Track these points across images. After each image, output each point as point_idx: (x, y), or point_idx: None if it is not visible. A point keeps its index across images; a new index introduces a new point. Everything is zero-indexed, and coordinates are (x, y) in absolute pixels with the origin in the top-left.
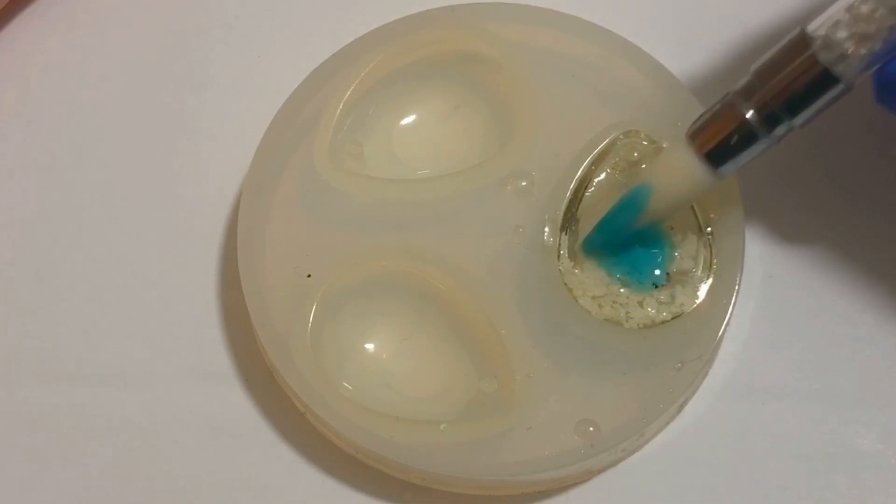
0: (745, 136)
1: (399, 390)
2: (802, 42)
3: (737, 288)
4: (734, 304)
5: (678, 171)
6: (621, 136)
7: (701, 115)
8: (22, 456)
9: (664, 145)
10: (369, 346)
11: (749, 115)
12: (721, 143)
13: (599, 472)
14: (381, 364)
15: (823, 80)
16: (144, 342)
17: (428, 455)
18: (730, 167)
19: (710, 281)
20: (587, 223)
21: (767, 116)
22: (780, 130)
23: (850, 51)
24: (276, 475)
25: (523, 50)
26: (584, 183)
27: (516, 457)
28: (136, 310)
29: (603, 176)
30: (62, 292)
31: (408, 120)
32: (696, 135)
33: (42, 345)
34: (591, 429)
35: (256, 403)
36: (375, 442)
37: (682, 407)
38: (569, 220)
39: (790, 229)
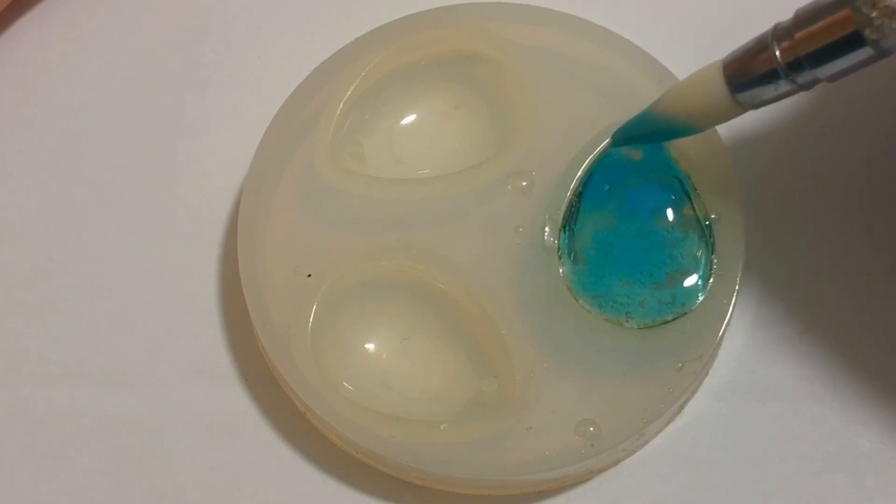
0: (768, 74)
1: (399, 390)
2: None
3: (737, 288)
4: (734, 304)
5: (702, 87)
6: None
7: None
8: (22, 456)
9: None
10: (369, 346)
11: (777, 53)
12: (744, 72)
13: (599, 471)
14: (381, 364)
15: (851, 40)
16: (144, 342)
17: (428, 455)
18: (750, 98)
19: (710, 281)
20: (588, 223)
21: (793, 61)
22: (803, 78)
23: (878, 21)
24: (276, 475)
25: (523, 50)
26: (584, 183)
27: (516, 457)
28: (136, 310)
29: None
30: (62, 292)
31: (408, 120)
32: (728, 63)
33: (42, 345)
34: (591, 429)
35: (256, 403)
36: (375, 442)
37: (682, 407)
38: (569, 220)
39: (791, 229)
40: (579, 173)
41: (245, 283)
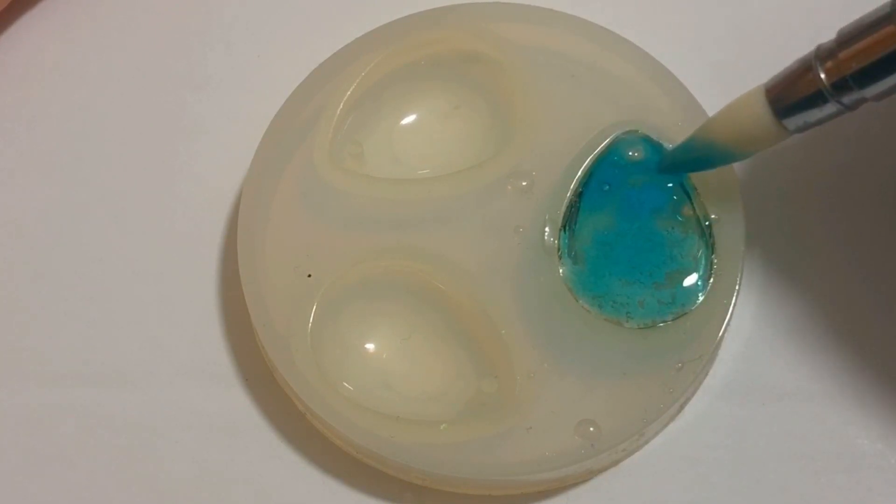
0: (812, 96)
1: (399, 390)
2: (888, 15)
3: (737, 288)
4: (734, 304)
5: (747, 113)
6: (621, 136)
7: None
8: (22, 456)
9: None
10: (369, 346)
11: (822, 74)
12: (789, 97)
13: (599, 471)
14: (381, 364)
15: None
16: (144, 342)
17: (428, 455)
18: (796, 122)
19: (710, 281)
20: (588, 223)
21: (838, 81)
22: (849, 98)
23: None
24: (276, 475)
25: (523, 50)
26: (584, 183)
27: (516, 457)
28: (136, 310)
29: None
30: (62, 292)
31: (408, 120)
32: (771, 87)
33: (42, 345)
34: (592, 429)
35: (256, 403)
36: (375, 442)
37: (682, 407)
38: (569, 220)
39: (791, 229)
40: (579, 173)
41: (245, 283)
